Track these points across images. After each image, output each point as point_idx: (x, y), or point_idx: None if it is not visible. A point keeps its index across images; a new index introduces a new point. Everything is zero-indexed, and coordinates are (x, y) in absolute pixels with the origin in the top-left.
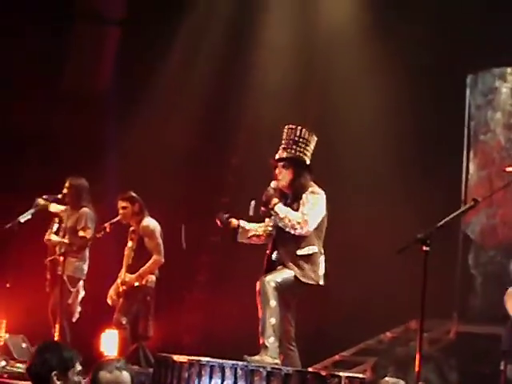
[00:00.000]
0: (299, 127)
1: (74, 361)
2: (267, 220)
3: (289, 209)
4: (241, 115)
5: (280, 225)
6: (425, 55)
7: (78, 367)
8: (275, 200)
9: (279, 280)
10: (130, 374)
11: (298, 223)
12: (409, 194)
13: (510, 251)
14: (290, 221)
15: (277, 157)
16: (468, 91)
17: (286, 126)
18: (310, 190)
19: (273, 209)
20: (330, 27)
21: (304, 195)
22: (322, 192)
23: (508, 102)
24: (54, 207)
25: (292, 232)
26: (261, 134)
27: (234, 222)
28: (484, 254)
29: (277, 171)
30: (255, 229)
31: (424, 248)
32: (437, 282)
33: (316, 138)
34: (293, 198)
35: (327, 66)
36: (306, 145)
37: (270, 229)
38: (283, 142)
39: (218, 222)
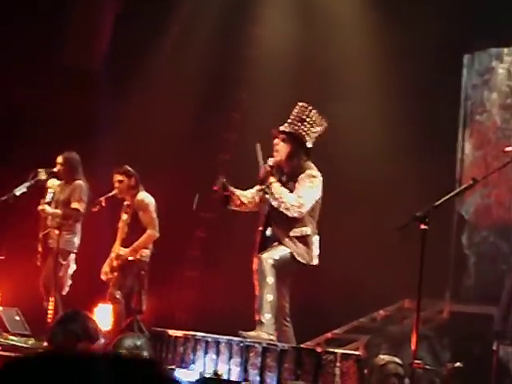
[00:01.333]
0: (310, 107)
1: (98, 333)
2: (256, 188)
3: (285, 190)
4: (238, 93)
5: (274, 204)
6: (422, 35)
7: (102, 340)
8: (272, 179)
9: (277, 257)
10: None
11: (293, 206)
12: (404, 173)
13: (504, 231)
14: (284, 203)
15: (281, 128)
16: (465, 71)
17: (299, 103)
18: (307, 172)
19: (269, 187)
20: (330, 8)
21: (301, 176)
22: (319, 174)
23: (504, 82)
24: (51, 182)
25: (285, 212)
26: (258, 113)
27: (231, 188)
28: (478, 234)
29: (275, 142)
30: (245, 195)
31: (422, 226)
32: (430, 262)
33: (325, 124)
34: (288, 175)
35: (326, 44)
36: (312, 126)
37: (257, 199)
38: (291, 116)
39: (215, 187)
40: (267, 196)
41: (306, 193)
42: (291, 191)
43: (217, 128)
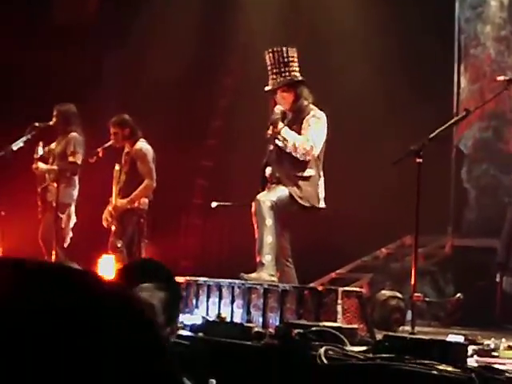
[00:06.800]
0: (284, 48)
1: None
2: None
3: (295, 134)
4: (232, 38)
5: (287, 150)
6: None
7: None
8: (281, 124)
9: (274, 199)
10: None
11: (305, 149)
12: (401, 110)
13: (503, 164)
14: (296, 146)
15: (274, 85)
16: (457, 5)
17: (269, 50)
18: (311, 113)
19: (279, 133)
20: None
21: (306, 119)
22: (323, 115)
23: (497, 14)
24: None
25: (297, 157)
26: (252, 56)
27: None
28: (477, 168)
29: (277, 98)
30: None
31: (417, 160)
32: (431, 198)
33: (295, 48)
34: (293, 118)
35: None
36: (293, 61)
37: None
38: (272, 66)
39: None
40: (278, 142)
41: (315, 135)
42: (297, 133)
43: (213, 74)
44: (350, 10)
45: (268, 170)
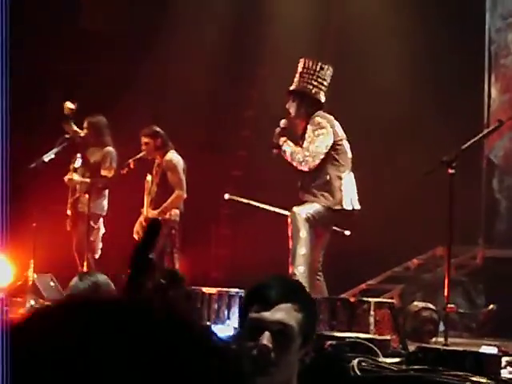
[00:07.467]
0: (306, 59)
1: None
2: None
3: (293, 147)
4: (259, 49)
5: (290, 161)
6: None
7: None
8: (282, 139)
9: (311, 211)
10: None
11: (301, 160)
12: (431, 120)
13: None
14: (294, 158)
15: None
16: (487, 15)
17: (302, 59)
18: (311, 121)
19: (281, 148)
20: None
21: (307, 128)
22: (325, 121)
23: None
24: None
25: (300, 168)
26: (279, 68)
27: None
28: (508, 178)
29: (287, 105)
30: None
31: (450, 171)
32: (462, 209)
33: (327, 66)
34: (303, 129)
35: None
36: (311, 74)
37: None
38: (298, 74)
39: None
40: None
41: (311, 144)
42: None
43: (241, 86)
44: (379, 19)
45: (302, 196)
